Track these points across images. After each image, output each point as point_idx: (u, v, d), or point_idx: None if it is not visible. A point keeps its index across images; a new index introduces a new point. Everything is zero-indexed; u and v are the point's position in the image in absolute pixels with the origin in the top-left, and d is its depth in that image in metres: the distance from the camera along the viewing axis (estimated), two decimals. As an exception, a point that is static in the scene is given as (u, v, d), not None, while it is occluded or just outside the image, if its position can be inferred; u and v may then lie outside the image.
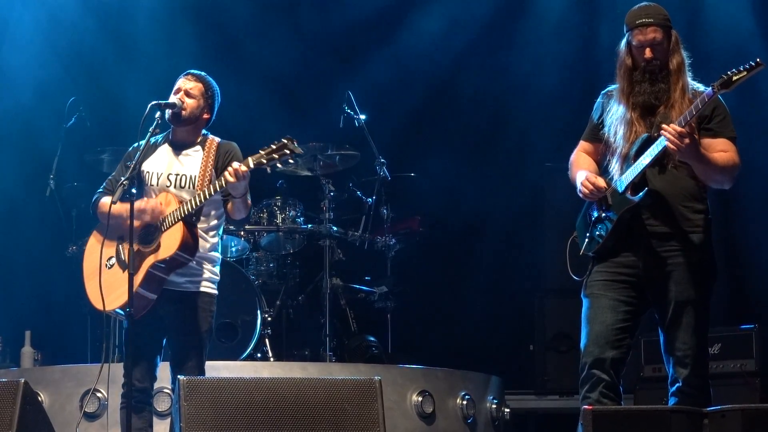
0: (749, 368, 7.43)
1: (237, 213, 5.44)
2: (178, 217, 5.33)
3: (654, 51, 4.94)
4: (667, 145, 4.72)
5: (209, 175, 5.45)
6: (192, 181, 5.46)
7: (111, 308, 5.38)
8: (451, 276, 9.52)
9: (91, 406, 6.47)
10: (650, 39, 4.93)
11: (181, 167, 5.51)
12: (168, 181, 5.50)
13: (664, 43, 4.94)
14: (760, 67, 4.62)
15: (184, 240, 5.31)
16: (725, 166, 4.88)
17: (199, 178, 5.45)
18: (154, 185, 5.50)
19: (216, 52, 9.30)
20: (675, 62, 4.95)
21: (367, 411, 4.73)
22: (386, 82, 9.38)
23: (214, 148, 5.52)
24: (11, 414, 4.77)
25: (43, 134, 8.45)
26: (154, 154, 5.55)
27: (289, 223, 8.15)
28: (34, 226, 8.58)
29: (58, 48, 8.93)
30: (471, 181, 9.54)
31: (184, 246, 5.32)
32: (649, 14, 4.95)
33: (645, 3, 5.03)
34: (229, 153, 5.51)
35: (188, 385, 4.66)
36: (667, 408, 4.64)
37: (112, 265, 5.46)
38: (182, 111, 5.47)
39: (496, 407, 7.42)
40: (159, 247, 5.34)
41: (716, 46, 8.39)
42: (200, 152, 5.53)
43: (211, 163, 5.47)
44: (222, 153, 5.51)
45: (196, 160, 5.52)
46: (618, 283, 4.95)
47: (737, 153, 4.93)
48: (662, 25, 4.94)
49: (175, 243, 5.30)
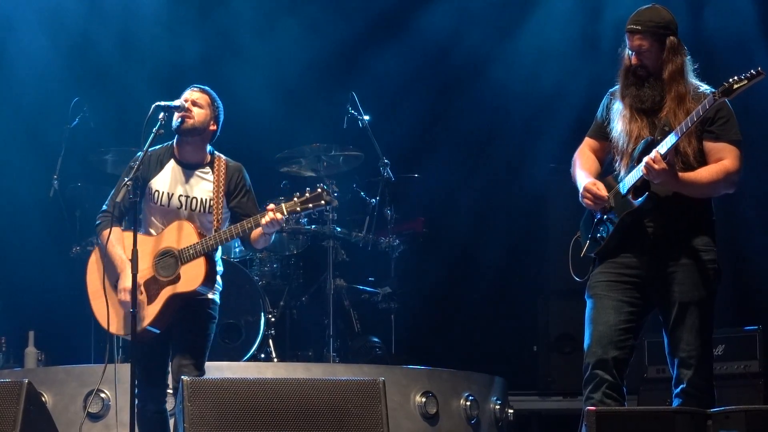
0: (753, 369, 7.42)
1: (262, 243, 5.50)
2: (201, 252, 5.33)
3: (640, 58, 4.92)
4: (643, 172, 4.73)
5: (222, 200, 5.47)
6: (204, 205, 5.47)
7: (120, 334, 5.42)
8: (455, 277, 9.52)
9: (94, 407, 6.47)
10: (636, 46, 4.91)
11: (192, 189, 5.50)
12: (179, 202, 5.48)
13: (652, 50, 4.90)
14: (761, 76, 4.59)
15: (206, 276, 5.34)
16: (714, 180, 4.83)
17: (215, 206, 5.45)
18: (164, 205, 5.48)
19: (220, 52, 9.31)
20: (668, 71, 4.90)
21: (371, 412, 4.74)
22: (390, 83, 9.38)
23: (223, 170, 5.52)
24: (15, 414, 4.78)
25: (47, 134, 8.45)
26: (162, 172, 5.51)
27: (292, 223, 8.14)
28: (37, 227, 8.58)
29: (62, 48, 8.94)
30: (474, 181, 9.55)
31: (207, 281, 5.36)
32: (640, 21, 4.91)
33: (646, 6, 4.99)
34: (236, 177, 5.53)
35: (192, 385, 4.66)
36: (671, 409, 4.64)
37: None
38: (188, 119, 5.44)
39: (499, 408, 7.42)
40: (178, 279, 5.34)
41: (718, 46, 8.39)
42: (210, 174, 5.52)
43: (222, 187, 5.49)
44: (230, 176, 5.52)
45: (208, 183, 5.51)
46: (621, 284, 4.95)
47: (738, 158, 4.86)
48: (651, 33, 4.89)
49: (197, 279, 5.33)
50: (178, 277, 5.33)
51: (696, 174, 4.83)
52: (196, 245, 5.33)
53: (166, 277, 5.35)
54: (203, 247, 5.32)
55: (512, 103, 9.37)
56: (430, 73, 9.58)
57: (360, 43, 9.51)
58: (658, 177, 4.73)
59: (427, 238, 8.92)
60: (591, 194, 4.97)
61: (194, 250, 5.32)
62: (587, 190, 4.98)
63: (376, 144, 8.24)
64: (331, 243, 8.09)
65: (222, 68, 9.22)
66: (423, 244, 8.91)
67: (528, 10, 9.39)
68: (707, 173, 4.84)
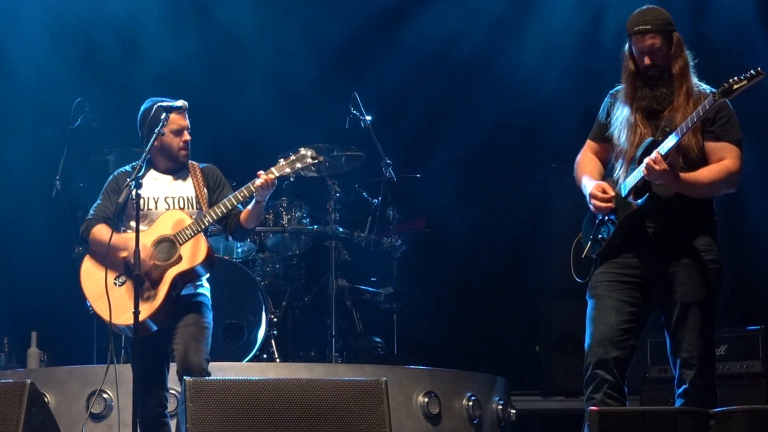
0: (756, 369, 7.42)
1: (254, 220, 5.54)
2: (197, 230, 5.38)
3: (653, 57, 4.90)
4: (644, 173, 4.73)
5: (205, 194, 5.57)
6: (190, 202, 5.57)
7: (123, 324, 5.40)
8: (457, 277, 9.52)
9: (97, 407, 6.47)
10: (648, 46, 4.89)
11: (175, 191, 5.61)
12: (166, 203, 5.57)
13: (663, 48, 4.90)
14: (760, 76, 4.58)
15: (208, 252, 5.42)
16: (715, 180, 4.83)
17: (199, 196, 5.55)
18: (152, 209, 5.55)
19: (222, 53, 9.31)
20: (677, 66, 4.91)
21: (373, 412, 4.74)
22: (392, 83, 9.38)
23: (198, 171, 5.67)
24: (17, 415, 4.78)
25: (50, 135, 8.45)
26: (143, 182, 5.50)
27: (295, 224, 8.16)
28: (40, 227, 8.58)
29: (64, 49, 8.94)
30: (477, 182, 9.54)
31: (208, 258, 5.42)
32: (647, 20, 4.90)
33: (645, 7, 4.98)
34: (212, 174, 5.68)
35: (194, 386, 4.67)
36: (673, 409, 4.63)
37: (123, 282, 5.46)
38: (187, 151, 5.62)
39: (502, 408, 7.42)
40: (180, 259, 5.38)
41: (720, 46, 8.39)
42: (188, 176, 5.65)
43: (202, 183, 5.60)
44: (207, 174, 5.66)
45: (188, 182, 5.63)
46: (623, 284, 4.94)
47: (739, 157, 4.87)
48: (661, 30, 4.89)
49: (199, 254, 5.40)
50: (180, 257, 5.38)
51: (697, 174, 4.83)
52: (191, 225, 5.41)
53: (167, 261, 5.38)
54: (199, 226, 5.39)
55: (515, 103, 9.37)
56: (432, 73, 9.58)
57: (362, 42, 9.52)
58: (659, 178, 4.73)
59: (430, 238, 8.92)
60: (599, 198, 4.96)
61: (191, 230, 5.40)
62: (597, 195, 4.98)
63: (378, 144, 8.23)
64: (333, 243, 8.10)
65: (224, 68, 9.23)
66: (425, 244, 8.91)
67: (530, 11, 9.38)
68: (708, 173, 4.83)
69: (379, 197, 8.39)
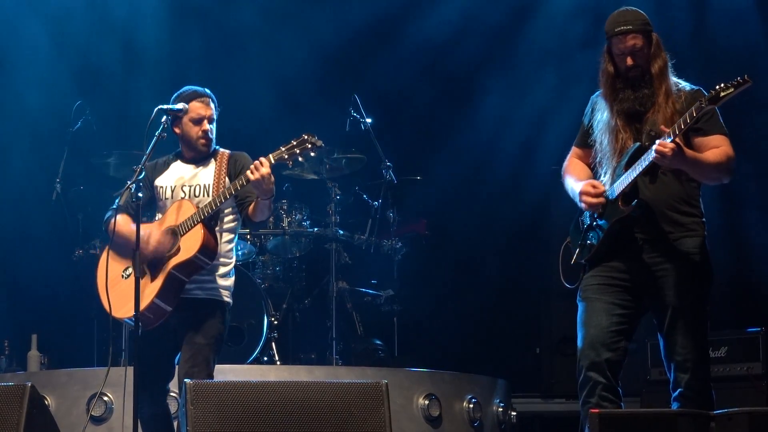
0: (756, 371, 7.41)
1: (259, 214, 5.45)
2: (197, 220, 5.35)
3: (635, 58, 4.89)
4: (654, 158, 4.69)
5: (223, 182, 5.48)
6: (206, 190, 5.50)
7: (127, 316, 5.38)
8: (458, 279, 9.52)
9: (97, 410, 6.47)
10: (630, 46, 4.88)
11: (194, 179, 5.56)
12: (182, 192, 5.53)
13: (644, 48, 4.89)
14: (747, 83, 4.55)
15: (204, 241, 5.34)
16: (719, 161, 4.80)
17: (214, 185, 5.48)
18: (168, 198, 5.53)
19: (222, 56, 9.31)
20: (657, 66, 4.89)
21: (374, 414, 4.74)
22: (392, 85, 9.39)
23: (225, 159, 5.57)
24: (18, 417, 4.78)
25: (50, 138, 8.46)
26: (167, 171, 5.59)
27: (295, 226, 8.16)
28: (40, 230, 8.59)
29: (65, 52, 8.95)
30: (477, 184, 9.54)
31: (205, 247, 5.34)
32: (628, 21, 4.90)
33: (623, 8, 4.97)
34: (240, 161, 5.55)
35: (195, 388, 4.66)
36: (674, 411, 4.64)
37: (129, 274, 5.45)
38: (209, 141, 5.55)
39: (502, 410, 7.42)
40: (179, 250, 5.36)
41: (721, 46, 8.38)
42: (212, 164, 5.57)
43: (224, 171, 5.52)
44: (233, 162, 5.56)
45: (209, 170, 5.56)
46: (612, 287, 4.93)
47: (731, 146, 4.85)
48: (642, 30, 4.88)
49: (195, 245, 5.33)
50: (178, 248, 5.36)
51: (703, 155, 4.80)
52: (193, 215, 5.37)
53: (168, 252, 5.37)
54: (199, 215, 5.35)
55: (514, 105, 9.37)
56: (432, 76, 9.58)
57: (362, 45, 9.52)
58: (673, 159, 4.66)
59: (430, 241, 8.92)
60: (591, 194, 4.94)
61: (191, 220, 5.36)
62: (587, 193, 4.96)
63: (378, 146, 8.24)
64: (333, 246, 8.10)
65: (224, 71, 9.23)
66: (425, 247, 8.91)
67: (528, 13, 9.39)
68: (712, 155, 4.81)
69: (379, 200, 8.40)
